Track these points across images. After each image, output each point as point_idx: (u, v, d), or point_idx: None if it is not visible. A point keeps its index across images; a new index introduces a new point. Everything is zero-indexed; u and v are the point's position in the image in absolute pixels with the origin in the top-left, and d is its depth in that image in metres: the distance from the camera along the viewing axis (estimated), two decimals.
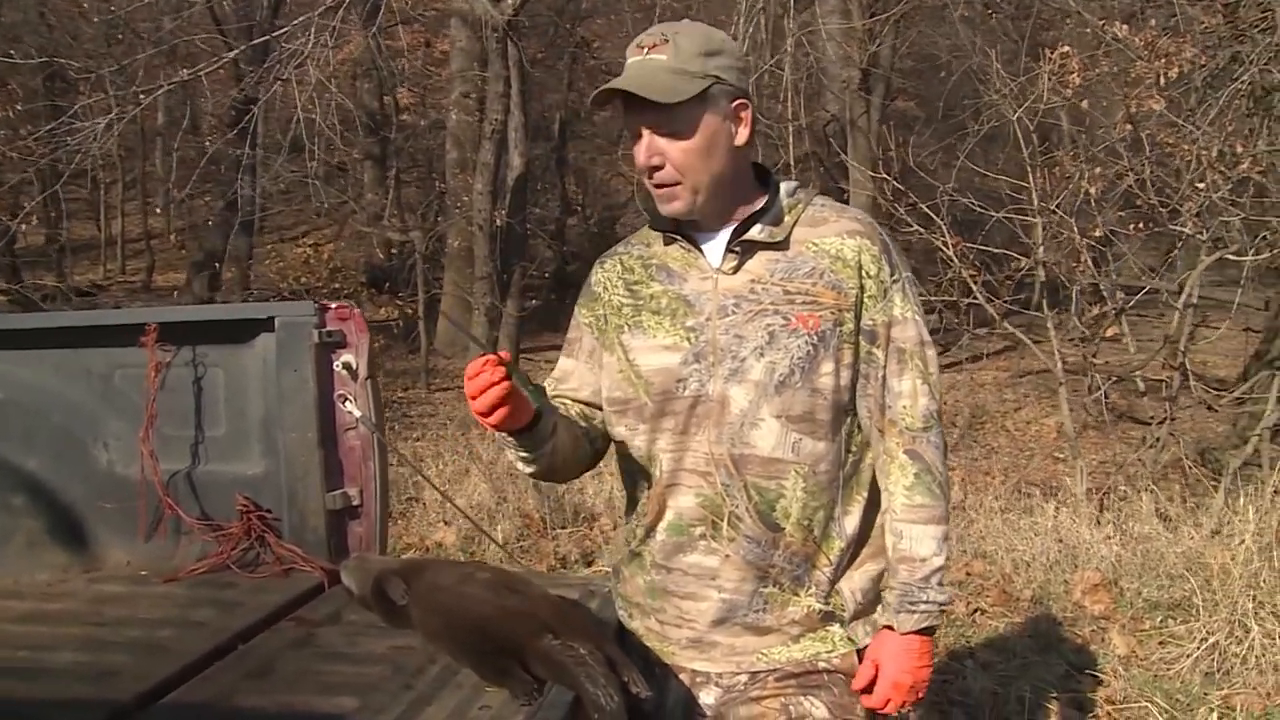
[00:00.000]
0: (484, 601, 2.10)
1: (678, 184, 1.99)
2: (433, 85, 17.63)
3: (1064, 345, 7.23)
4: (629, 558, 2.20)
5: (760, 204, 2.07)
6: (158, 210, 18.70)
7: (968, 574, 5.70)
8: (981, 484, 7.69)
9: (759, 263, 2.05)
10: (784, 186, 2.11)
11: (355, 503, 2.87)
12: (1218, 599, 4.83)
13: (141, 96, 8.00)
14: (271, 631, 2.36)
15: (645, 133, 1.97)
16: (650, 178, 2.01)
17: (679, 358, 2.04)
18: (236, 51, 8.71)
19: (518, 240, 12.05)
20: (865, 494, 2.12)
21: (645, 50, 1.97)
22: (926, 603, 2.04)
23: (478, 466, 7.59)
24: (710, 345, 2.02)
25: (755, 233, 2.04)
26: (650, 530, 2.12)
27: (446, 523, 6.75)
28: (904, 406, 2.06)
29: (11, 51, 10.35)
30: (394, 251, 14.21)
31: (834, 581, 2.10)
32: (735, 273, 2.05)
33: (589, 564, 6.29)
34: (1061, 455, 8.99)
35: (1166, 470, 7.12)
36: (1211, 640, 4.63)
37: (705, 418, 2.03)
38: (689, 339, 2.04)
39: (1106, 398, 6.90)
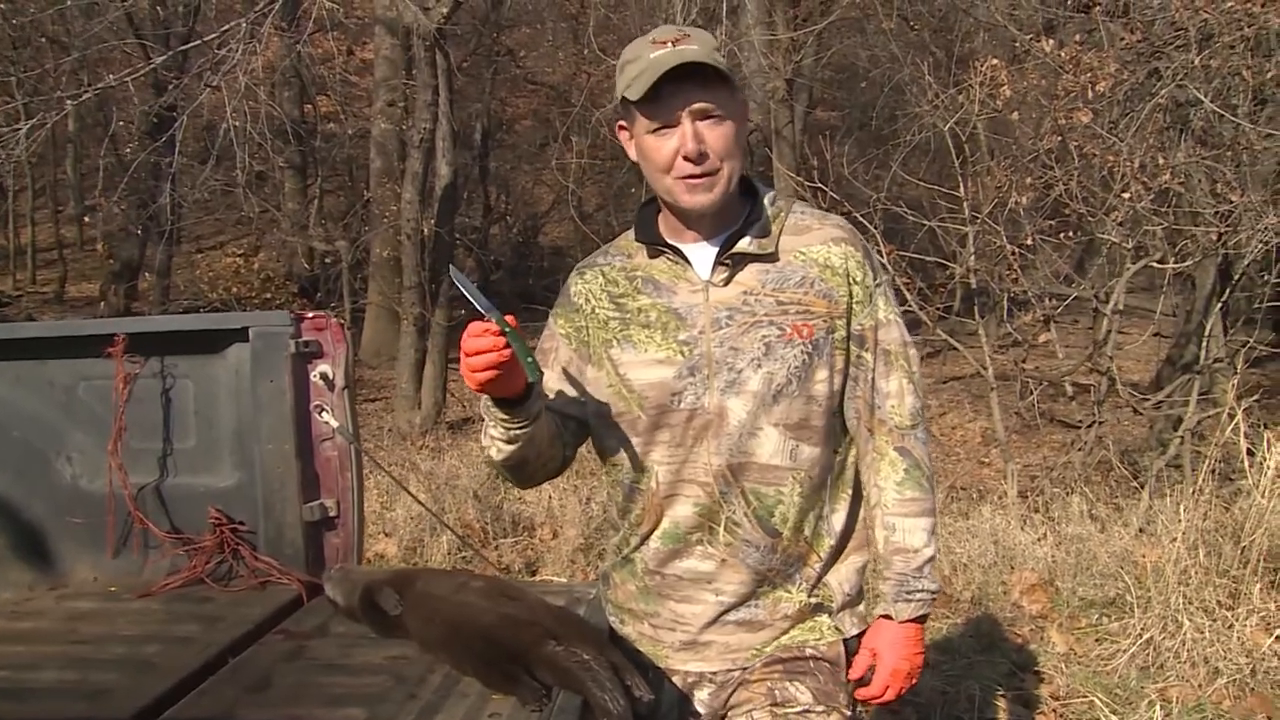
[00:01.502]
0: (485, 610, 2.10)
1: (718, 171, 1.99)
2: (354, 94, 17.41)
3: (994, 351, 7.40)
4: (620, 564, 2.21)
5: (745, 213, 2.09)
6: (85, 220, 18.12)
7: None
8: None
9: (750, 274, 2.06)
10: (765, 195, 2.13)
11: (333, 514, 2.84)
12: (1150, 596, 4.97)
13: (69, 102, 7.76)
14: (260, 645, 2.33)
15: (684, 119, 1.95)
16: (693, 166, 1.97)
17: (673, 371, 2.04)
18: (163, 58, 8.51)
19: (445, 249, 11.94)
20: (850, 491, 2.17)
21: (670, 44, 1.96)
22: (921, 591, 2.09)
23: (416, 477, 7.52)
24: (705, 358, 2.03)
25: (745, 244, 2.05)
26: (645, 538, 2.14)
27: (386, 534, 6.68)
28: (892, 406, 2.10)
29: None
30: (326, 261, 13.99)
31: (822, 575, 2.15)
32: (727, 285, 2.06)
33: (533, 573, 6.28)
34: (987, 460, 9.19)
35: (1090, 472, 7.31)
36: (1146, 636, 4.76)
37: (704, 430, 2.04)
38: (682, 352, 2.04)
39: (1037, 402, 7.07)
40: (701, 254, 2.08)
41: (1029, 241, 6.39)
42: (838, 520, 2.15)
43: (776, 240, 2.07)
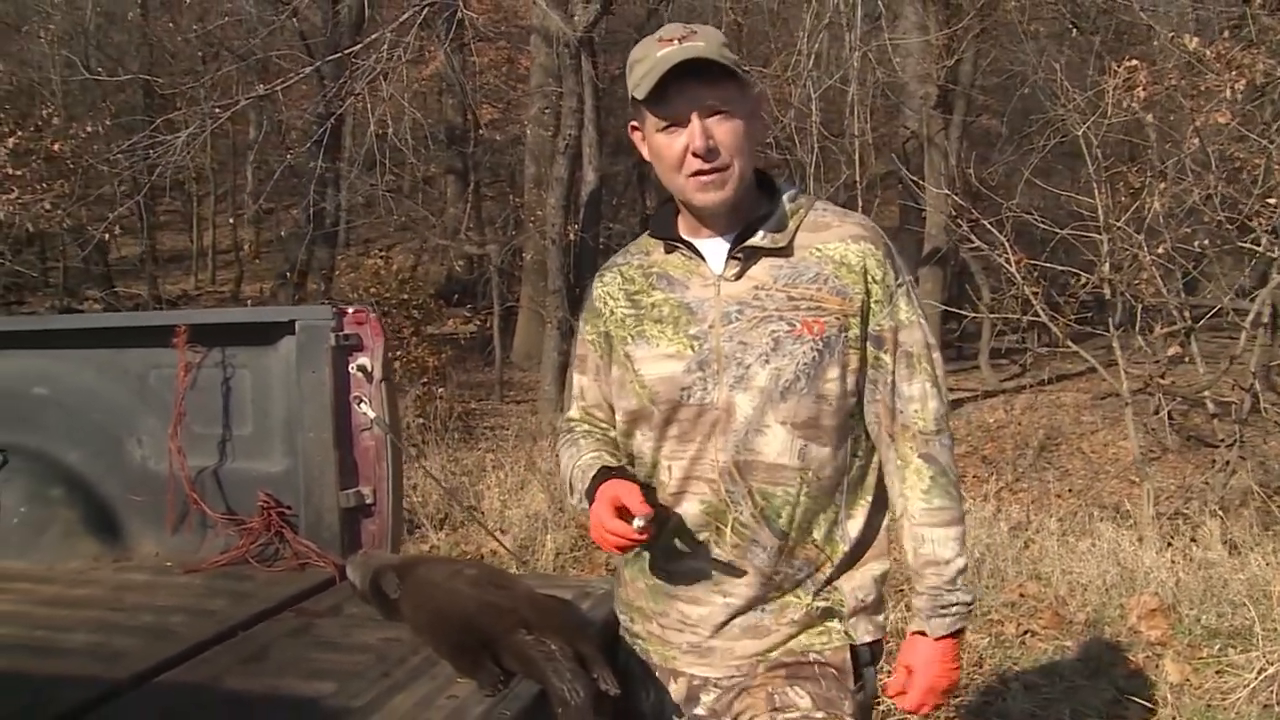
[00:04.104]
0: (466, 596, 2.16)
1: (728, 168, 1.98)
2: (515, 101, 17.87)
3: (1133, 366, 7.07)
4: (631, 561, 2.19)
5: (763, 209, 2.07)
6: (230, 221, 19.24)
7: (1021, 595, 5.60)
8: (1050, 506, 7.55)
9: (762, 269, 2.03)
10: (786, 193, 2.10)
11: (369, 501, 2.96)
12: (1277, 627, 4.68)
13: (218, 111, 8.27)
14: (273, 621, 2.45)
15: (694, 117, 1.94)
16: (703, 163, 1.96)
17: (682, 366, 2.03)
18: (311, 68, 8.97)
19: (591, 255, 12.15)
20: (870, 498, 2.10)
21: (677, 41, 1.95)
22: (956, 605, 2.02)
23: (537, 478, 7.67)
24: (714, 353, 2.01)
25: (758, 239, 2.02)
26: (654, 537, 2.07)
27: (504, 530, 6.83)
28: (915, 410, 2.04)
29: (100, 70, 10.80)
30: (473, 264, 14.43)
31: (831, 580, 2.08)
32: (738, 279, 2.03)
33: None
34: (1138, 479, 8.78)
35: (1245, 496, 6.89)
36: (1270, 670, 4.47)
37: (711, 426, 2.02)
38: (692, 347, 2.03)
39: (1172, 419, 6.71)
40: (715, 249, 2.06)
41: (1160, 250, 6.08)
42: (854, 527, 2.08)
43: (792, 236, 2.04)
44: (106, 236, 9.98)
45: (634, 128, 2.11)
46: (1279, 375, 7.72)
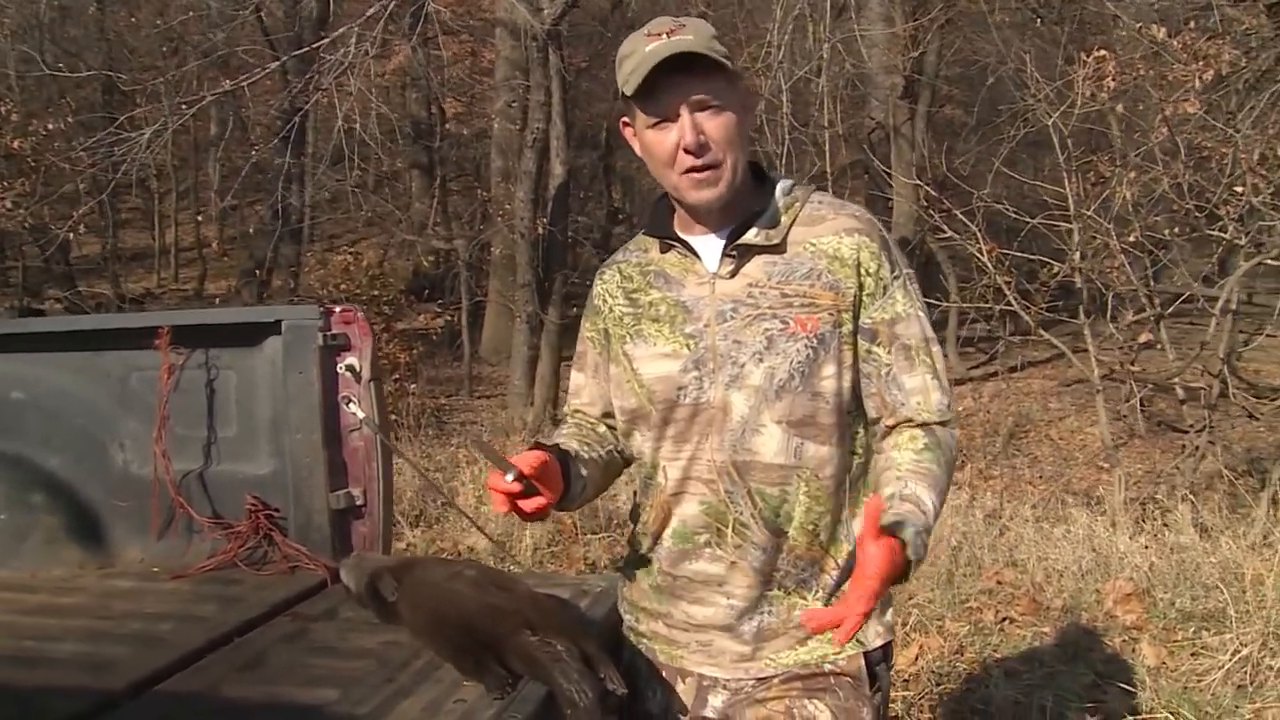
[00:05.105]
0: (467, 598, 2.14)
1: (720, 164, 1.94)
2: (479, 95, 17.79)
3: (1103, 353, 7.14)
4: (635, 561, 2.18)
5: (757, 204, 2.04)
6: (197, 218, 19.05)
7: (998, 582, 5.64)
8: (1021, 493, 7.62)
9: (756, 266, 2.01)
10: (780, 185, 2.07)
11: (359, 502, 2.93)
12: (1251, 610, 4.74)
13: (184, 107, 8.16)
14: (268, 626, 2.42)
15: (684, 112, 1.91)
16: (695, 159, 1.93)
17: (679, 365, 2.01)
18: (277, 64, 8.88)
19: (559, 248, 12.11)
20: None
21: (665, 35, 1.91)
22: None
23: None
24: (710, 352, 1.99)
25: (751, 236, 1.99)
26: (656, 538, 2.10)
27: (481, 528, 6.80)
28: (918, 403, 2.00)
29: (61, 66, 10.65)
30: (440, 259, 14.37)
31: (840, 583, 2.03)
32: (732, 277, 2.01)
33: (618, 569, 6.31)
34: (1106, 465, 8.88)
35: (1212, 480, 6.99)
36: (1244, 652, 4.53)
37: (707, 425, 2.00)
38: (688, 346, 2.01)
39: (1143, 406, 6.78)
40: (710, 246, 2.04)
41: (1132, 238, 6.13)
42: (858, 525, 2.02)
43: (786, 231, 2.01)
44: (71, 236, 9.84)
45: (625, 124, 2.07)
46: (1238, 360, 7.84)
